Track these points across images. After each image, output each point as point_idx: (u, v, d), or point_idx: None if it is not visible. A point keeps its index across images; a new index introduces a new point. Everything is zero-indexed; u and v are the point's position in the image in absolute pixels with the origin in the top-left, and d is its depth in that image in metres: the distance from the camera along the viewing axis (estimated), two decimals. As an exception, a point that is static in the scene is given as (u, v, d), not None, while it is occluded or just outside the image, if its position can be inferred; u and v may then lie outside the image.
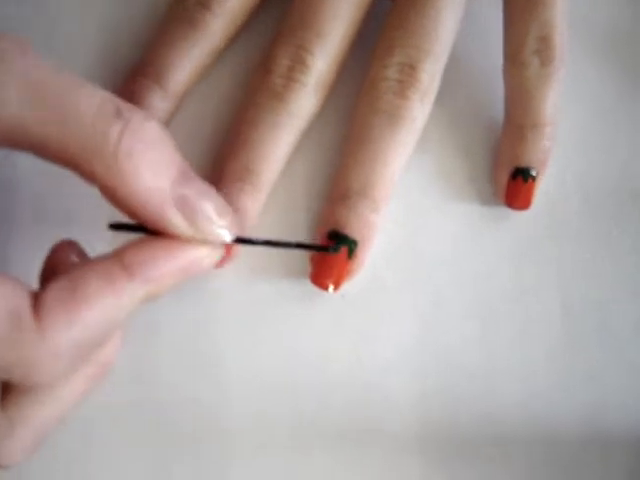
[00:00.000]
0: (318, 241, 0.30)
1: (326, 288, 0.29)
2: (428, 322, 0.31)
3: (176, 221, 0.22)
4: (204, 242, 0.23)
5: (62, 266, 0.23)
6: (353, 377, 0.30)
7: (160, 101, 0.29)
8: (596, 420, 0.31)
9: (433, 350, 0.31)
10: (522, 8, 0.30)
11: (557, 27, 0.30)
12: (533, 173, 0.31)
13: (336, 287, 0.29)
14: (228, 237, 0.24)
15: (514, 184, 0.31)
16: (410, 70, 0.29)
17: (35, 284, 0.23)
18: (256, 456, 0.30)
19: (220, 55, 0.30)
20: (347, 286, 0.30)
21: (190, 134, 0.31)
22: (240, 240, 0.25)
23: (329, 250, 0.29)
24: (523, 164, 0.31)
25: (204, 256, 0.23)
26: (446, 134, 0.32)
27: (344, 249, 0.29)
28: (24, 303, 0.20)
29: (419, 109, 0.29)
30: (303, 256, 0.30)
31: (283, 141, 0.29)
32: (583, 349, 0.31)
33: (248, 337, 0.30)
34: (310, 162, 0.31)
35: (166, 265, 0.22)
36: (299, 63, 0.28)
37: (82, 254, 0.24)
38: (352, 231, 0.29)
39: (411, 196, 0.32)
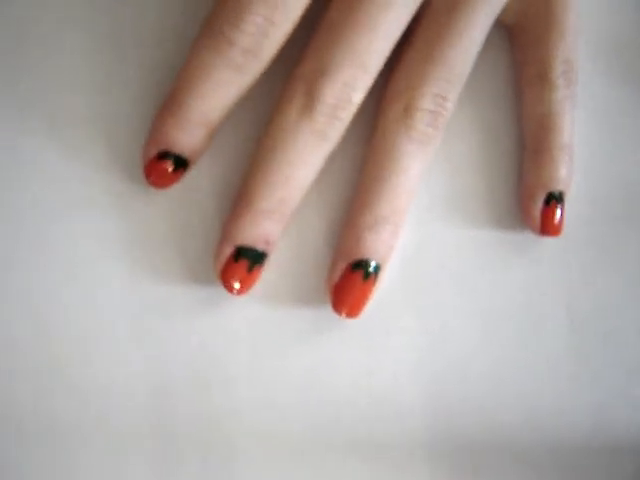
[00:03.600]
0: (338, 270, 0.30)
1: (350, 316, 0.30)
2: (435, 335, 0.31)
3: None
4: None
5: None
6: (361, 390, 0.31)
7: (204, 140, 0.29)
8: (603, 427, 0.31)
9: (440, 362, 0.31)
10: (548, 30, 0.30)
11: (576, 49, 0.30)
12: (564, 196, 0.31)
13: (356, 314, 0.30)
14: None
15: (549, 210, 0.31)
16: (441, 100, 0.29)
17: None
18: (265, 469, 0.30)
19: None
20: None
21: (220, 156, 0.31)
22: None
23: None
24: (556, 188, 0.31)
25: None
26: (455, 145, 0.32)
27: (358, 273, 0.29)
28: None
29: (441, 135, 0.30)
30: (312, 272, 0.31)
31: (316, 172, 0.29)
32: (589, 356, 0.31)
33: (257, 351, 0.31)
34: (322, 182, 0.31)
35: None
36: (344, 101, 0.28)
37: None
38: (378, 257, 0.29)
39: (418, 211, 0.32)
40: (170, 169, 0.29)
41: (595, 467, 0.31)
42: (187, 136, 0.28)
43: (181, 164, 0.29)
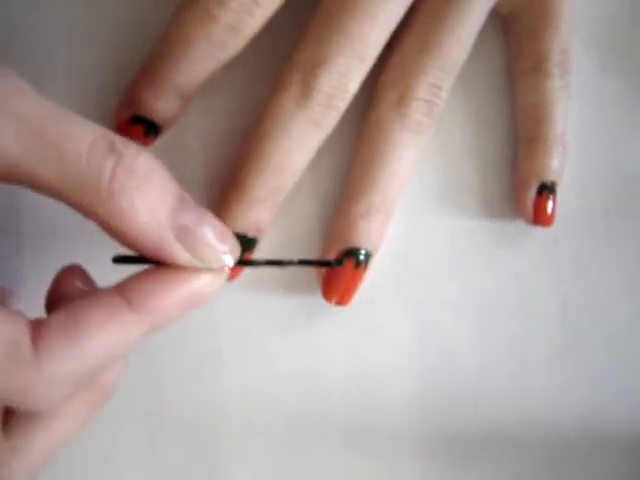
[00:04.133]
0: (332, 255, 0.30)
1: (340, 303, 0.30)
2: (426, 326, 0.31)
3: (177, 251, 0.23)
4: (207, 269, 0.23)
5: (66, 293, 0.24)
6: (352, 381, 0.31)
7: (177, 108, 0.29)
8: (596, 421, 0.31)
9: (432, 354, 0.31)
10: (543, 21, 0.31)
11: (570, 39, 0.31)
12: (556, 187, 0.31)
13: (346, 302, 0.30)
14: (231, 262, 0.24)
15: (541, 200, 0.31)
16: (436, 90, 0.29)
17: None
18: (256, 460, 0.30)
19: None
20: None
21: (196, 140, 0.31)
22: (242, 262, 0.25)
23: (332, 264, 0.29)
24: (549, 178, 0.31)
25: (207, 284, 0.23)
26: (447, 135, 0.32)
27: (349, 261, 0.29)
28: (22, 334, 0.21)
29: (434, 125, 0.30)
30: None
31: (308, 160, 0.29)
32: (582, 350, 0.32)
33: (248, 341, 0.31)
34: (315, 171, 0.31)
35: (169, 297, 0.23)
36: (341, 91, 0.28)
37: (87, 280, 0.25)
38: (369, 245, 0.29)
39: (410, 202, 0.32)
40: (141, 133, 0.28)
41: (588, 462, 0.31)
42: (162, 104, 0.28)
43: (153, 130, 0.29)
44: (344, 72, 0.28)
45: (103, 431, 0.29)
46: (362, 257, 0.29)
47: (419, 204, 0.32)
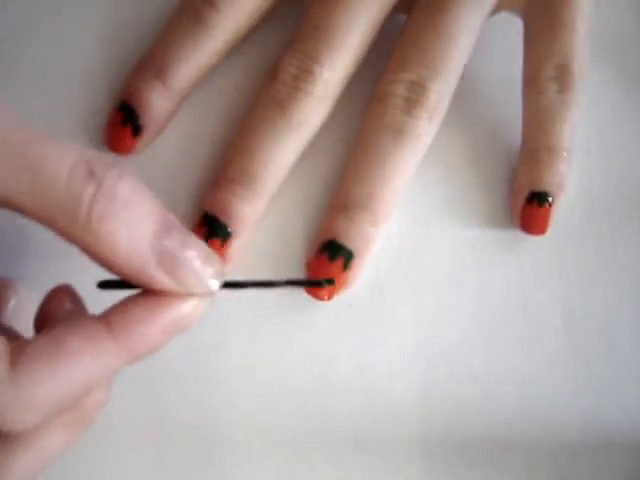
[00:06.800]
0: (314, 249, 0.30)
1: (321, 298, 0.30)
2: (431, 329, 0.31)
3: (159, 278, 0.22)
4: (191, 294, 0.23)
5: (55, 312, 0.24)
6: (356, 383, 0.31)
7: (161, 99, 0.29)
8: (597, 425, 0.31)
9: (436, 356, 0.31)
10: (543, 31, 0.29)
11: (577, 53, 0.29)
12: (549, 198, 0.30)
13: (330, 297, 0.30)
14: (216, 286, 0.23)
15: (529, 208, 0.31)
16: (419, 89, 0.28)
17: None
18: (259, 462, 0.30)
19: (225, 56, 0.30)
20: (350, 293, 0.30)
21: (191, 137, 0.31)
22: (229, 285, 0.25)
23: (323, 284, 0.29)
24: (539, 188, 0.30)
25: (191, 310, 0.23)
26: (453, 144, 0.32)
27: (324, 254, 0.29)
28: (1, 356, 0.21)
29: (424, 127, 0.29)
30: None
31: (283, 149, 0.29)
32: (585, 354, 0.32)
33: (252, 343, 0.31)
34: (309, 171, 0.31)
35: (151, 325, 0.22)
36: (305, 72, 0.28)
37: (76, 300, 0.24)
38: (349, 242, 0.29)
39: (416, 205, 0.32)
40: (121, 120, 0.29)
41: (590, 466, 0.31)
42: (144, 87, 0.29)
43: (133, 121, 0.29)
44: (309, 54, 0.28)
45: (107, 439, 0.30)
46: (337, 251, 0.29)
47: (424, 212, 0.32)
